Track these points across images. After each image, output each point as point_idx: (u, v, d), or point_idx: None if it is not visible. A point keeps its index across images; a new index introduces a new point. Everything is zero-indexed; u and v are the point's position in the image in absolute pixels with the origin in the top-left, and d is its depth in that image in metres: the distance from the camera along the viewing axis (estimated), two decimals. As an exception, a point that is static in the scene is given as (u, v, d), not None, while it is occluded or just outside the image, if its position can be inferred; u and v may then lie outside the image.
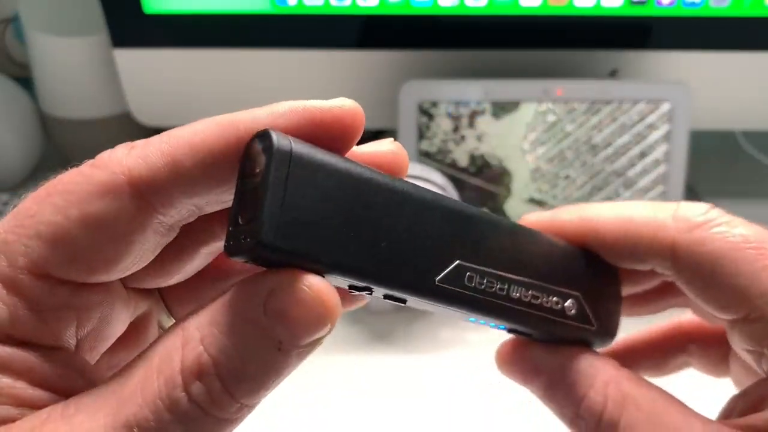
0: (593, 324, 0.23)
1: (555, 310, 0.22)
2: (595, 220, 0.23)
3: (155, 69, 0.56)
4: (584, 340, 0.23)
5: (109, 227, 0.16)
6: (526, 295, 0.21)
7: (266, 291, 0.16)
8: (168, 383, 0.15)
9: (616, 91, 0.53)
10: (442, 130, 0.54)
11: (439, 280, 0.19)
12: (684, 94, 0.53)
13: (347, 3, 0.52)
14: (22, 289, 0.16)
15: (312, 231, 0.16)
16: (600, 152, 0.54)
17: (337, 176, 0.17)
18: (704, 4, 0.51)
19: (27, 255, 0.16)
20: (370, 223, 0.17)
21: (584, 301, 0.23)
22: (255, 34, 0.53)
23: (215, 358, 0.15)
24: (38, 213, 0.16)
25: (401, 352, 0.51)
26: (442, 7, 0.52)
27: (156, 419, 0.15)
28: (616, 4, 0.51)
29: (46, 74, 0.61)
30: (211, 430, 0.16)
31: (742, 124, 0.62)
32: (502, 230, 0.21)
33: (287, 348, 0.16)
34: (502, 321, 0.21)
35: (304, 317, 0.16)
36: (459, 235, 0.19)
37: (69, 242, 0.16)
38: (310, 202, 0.16)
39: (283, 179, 0.16)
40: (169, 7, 0.52)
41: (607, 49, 0.54)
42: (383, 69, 0.55)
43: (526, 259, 0.21)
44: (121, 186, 0.16)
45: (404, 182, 0.19)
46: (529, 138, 0.54)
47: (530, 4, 0.52)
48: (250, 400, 0.16)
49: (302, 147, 0.17)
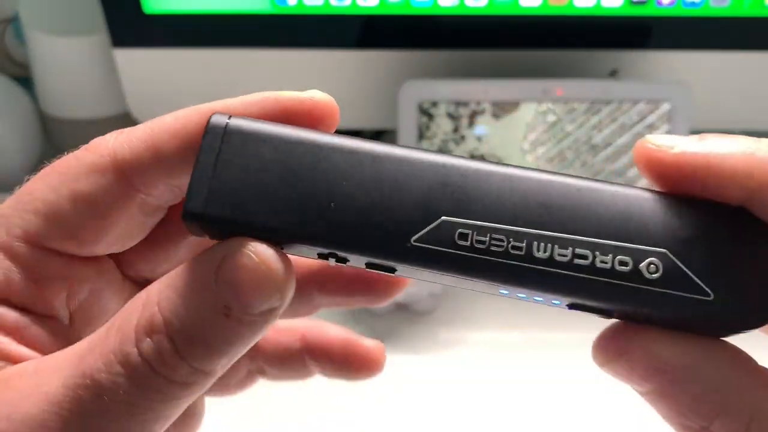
0: (707, 292, 0.16)
1: (621, 273, 0.16)
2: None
3: (155, 69, 0.56)
4: (699, 318, 0.17)
5: (95, 203, 0.18)
6: (563, 254, 0.16)
7: (219, 258, 0.16)
8: (122, 339, 0.16)
9: (616, 91, 0.53)
10: (442, 130, 0.54)
11: (416, 240, 0.17)
12: (684, 94, 0.53)
13: (347, 3, 0.52)
14: (18, 257, 0.18)
15: (243, 197, 0.17)
16: (600, 152, 0.54)
17: (276, 144, 0.17)
18: (704, 4, 0.51)
19: (22, 227, 0.18)
20: (316, 185, 0.17)
21: (678, 259, 0.17)
22: (255, 34, 0.53)
23: (166, 318, 0.16)
24: (34, 191, 0.18)
25: (401, 352, 0.51)
26: (442, 7, 0.52)
27: (107, 371, 0.16)
28: (616, 4, 0.51)
29: (46, 74, 0.61)
30: (162, 389, 0.16)
31: (742, 124, 0.62)
32: (512, 181, 0.17)
33: (236, 315, 0.16)
34: (530, 289, 0.17)
35: (248, 283, 0.16)
36: (443, 190, 0.17)
37: (60, 216, 0.18)
38: (246, 171, 0.17)
39: (215, 152, 0.17)
40: (169, 7, 0.52)
41: (607, 49, 0.54)
42: (383, 69, 0.55)
43: (562, 213, 0.17)
44: (106, 167, 0.18)
45: (361, 141, 0.17)
46: (529, 138, 0.54)
47: (530, 4, 0.52)
48: (201, 364, 0.16)
49: (242, 122, 0.17)
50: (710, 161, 0.16)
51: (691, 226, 0.17)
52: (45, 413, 0.16)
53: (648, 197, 0.17)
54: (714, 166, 0.16)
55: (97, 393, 0.16)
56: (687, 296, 0.16)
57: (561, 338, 0.52)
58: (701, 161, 0.16)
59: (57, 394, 0.16)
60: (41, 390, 0.16)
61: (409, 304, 0.54)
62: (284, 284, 0.16)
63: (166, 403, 0.16)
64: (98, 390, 0.16)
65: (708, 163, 0.16)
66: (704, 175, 0.16)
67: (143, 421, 0.16)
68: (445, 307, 0.55)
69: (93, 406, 0.16)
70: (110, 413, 0.16)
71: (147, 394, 0.16)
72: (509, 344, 0.52)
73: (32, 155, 0.64)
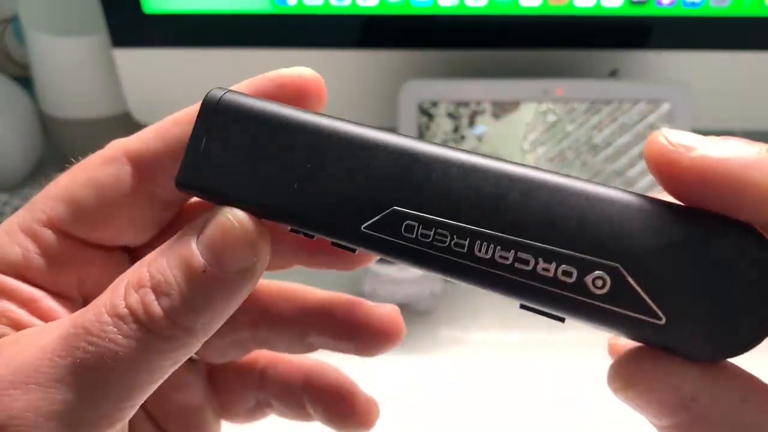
0: (658, 315, 0.15)
1: (563, 283, 0.15)
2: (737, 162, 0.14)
3: (155, 69, 0.56)
4: (649, 343, 0.15)
5: (109, 190, 0.20)
6: (504, 257, 0.16)
7: (202, 222, 0.18)
8: (113, 293, 0.18)
9: (616, 91, 0.53)
10: (442, 130, 0.54)
11: (366, 227, 0.17)
12: (684, 94, 0.53)
13: (347, 3, 0.52)
14: (37, 237, 0.20)
15: (227, 170, 0.18)
16: (600, 152, 0.54)
17: (259, 120, 0.18)
18: (704, 4, 0.51)
19: (46, 212, 0.20)
20: (286, 164, 0.18)
21: (631, 277, 0.15)
22: (255, 34, 0.53)
23: (152, 275, 0.17)
24: (59, 181, 0.20)
25: (401, 352, 0.51)
26: (442, 7, 0.52)
27: (98, 321, 0.17)
28: (616, 4, 0.51)
29: (46, 74, 0.61)
30: (145, 340, 0.17)
31: (742, 124, 0.61)
32: (469, 170, 0.16)
33: (212, 272, 0.17)
34: (472, 284, 0.16)
35: (224, 241, 0.17)
36: (401, 177, 0.17)
37: (76, 202, 0.20)
38: (231, 145, 0.18)
39: (207, 125, 0.18)
40: (169, 7, 0.52)
41: (607, 49, 0.54)
42: (383, 69, 0.55)
43: (513, 211, 0.16)
44: (118, 157, 0.20)
45: (338, 121, 0.18)
46: (529, 138, 0.54)
47: (530, 4, 0.52)
48: (179, 319, 0.17)
49: (233, 97, 0.18)
50: (738, 173, 0.14)
51: (663, 239, 0.15)
52: (40, 360, 0.17)
53: (618, 200, 0.15)
54: (742, 179, 0.14)
55: (87, 341, 0.17)
56: (634, 316, 0.15)
57: (561, 338, 0.52)
58: (726, 171, 0.14)
59: (52, 344, 0.17)
60: (40, 343, 0.17)
61: (410, 304, 0.54)
62: (257, 245, 0.18)
63: (150, 354, 0.17)
64: (88, 338, 0.17)
65: (734, 175, 0.14)
66: (728, 189, 0.14)
67: (129, 370, 0.17)
68: (445, 307, 0.55)
69: (83, 353, 0.17)
70: (98, 361, 0.17)
71: (131, 343, 0.17)
72: (509, 344, 0.52)
73: (32, 155, 0.64)
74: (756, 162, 0.14)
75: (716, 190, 0.14)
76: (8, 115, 0.61)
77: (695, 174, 0.14)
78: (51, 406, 0.17)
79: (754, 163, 0.14)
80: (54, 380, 0.17)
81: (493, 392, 0.48)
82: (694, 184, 0.15)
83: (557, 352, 0.51)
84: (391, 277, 0.51)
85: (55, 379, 0.17)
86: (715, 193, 0.14)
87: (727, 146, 0.15)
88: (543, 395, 0.47)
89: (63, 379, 0.17)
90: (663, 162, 0.15)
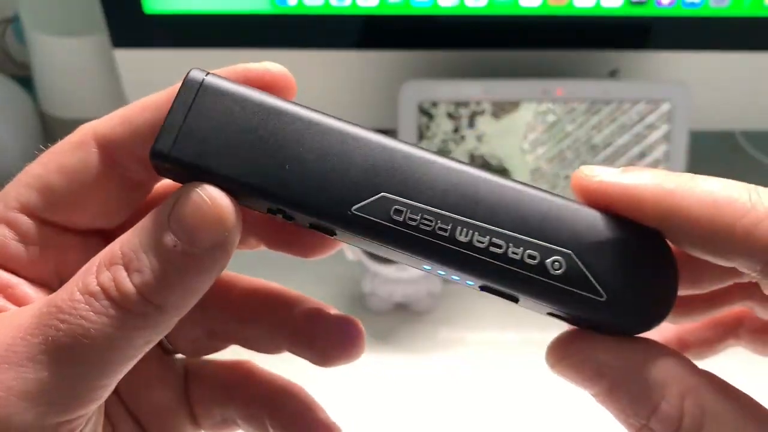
0: (599, 293, 0.19)
1: (528, 265, 0.19)
2: (679, 196, 0.18)
3: (155, 69, 0.56)
4: (593, 316, 0.19)
5: (78, 174, 0.20)
6: (481, 241, 0.18)
7: (175, 198, 0.18)
8: (85, 271, 0.18)
9: (616, 91, 0.53)
10: (442, 130, 0.54)
11: (356, 209, 0.18)
12: (684, 94, 0.53)
13: (347, 3, 0.52)
14: (11, 224, 0.20)
15: (208, 146, 0.18)
16: (600, 152, 0.54)
17: (245, 104, 0.19)
18: (704, 4, 0.51)
19: (18, 199, 0.20)
20: (275, 147, 0.18)
21: (580, 262, 0.19)
22: (255, 34, 0.53)
23: (124, 252, 0.18)
24: (30, 168, 0.20)
25: (401, 352, 0.51)
26: (442, 7, 0.52)
27: (70, 299, 0.17)
28: (616, 4, 0.51)
29: (46, 74, 0.61)
30: (116, 317, 0.17)
31: (742, 124, 0.62)
32: (452, 173, 0.19)
33: (184, 248, 0.17)
34: (447, 267, 0.19)
35: (195, 218, 0.17)
36: (387, 167, 0.19)
37: (49, 188, 0.20)
38: (214, 124, 0.18)
39: (188, 102, 0.19)
40: (169, 7, 0.52)
41: (607, 49, 0.54)
42: (383, 69, 0.55)
43: (488, 207, 0.19)
44: (88, 142, 0.20)
45: (324, 115, 0.19)
46: (529, 138, 0.54)
47: (530, 4, 0.52)
48: (150, 295, 0.17)
49: (218, 79, 0.19)
50: (623, 189, 0.19)
51: (601, 236, 0.19)
52: (14, 339, 0.17)
53: (569, 206, 0.19)
54: (626, 193, 0.19)
55: (59, 318, 0.17)
56: (583, 294, 0.19)
57: (561, 338, 0.52)
58: (616, 189, 0.19)
59: (26, 323, 0.17)
60: (15, 323, 0.18)
61: (409, 304, 0.54)
62: (228, 222, 0.18)
63: (122, 331, 0.17)
64: (60, 316, 0.17)
65: (622, 191, 0.19)
66: (619, 200, 0.19)
67: (101, 347, 0.17)
68: (444, 307, 0.55)
69: (54, 331, 0.17)
70: (70, 339, 0.17)
71: (103, 320, 0.17)
72: (508, 344, 0.52)
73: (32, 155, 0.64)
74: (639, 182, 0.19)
75: (613, 202, 0.19)
76: (8, 115, 0.61)
77: (598, 192, 0.19)
78: (23, 385, 0.17)
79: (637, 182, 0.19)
80: (26, 359, 0.17)
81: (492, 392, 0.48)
82: (600, 199, 0.19)
83: (557, 352, 0.51)
84: (390, 276, 0.51)
85: (27, 358, 0.17)
86: (614, 205, 0.19)
87: (622, 174, 0.19)
88: (542, 395, 0.47)
89: (35, 358, 0.17)
90: (578, 187, 0.20)
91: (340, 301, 0.55)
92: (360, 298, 0.54)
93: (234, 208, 0.18)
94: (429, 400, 0.48)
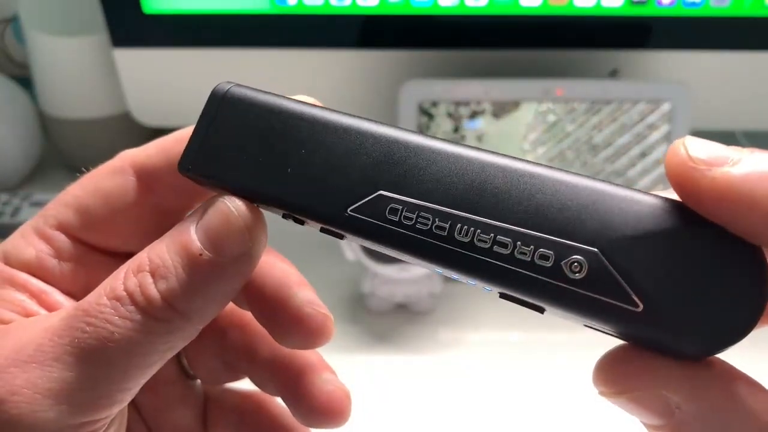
0: (636, 303, 0.14)
1: (540, 267, 0.15)
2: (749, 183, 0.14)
3: (155, 69, 0.56)
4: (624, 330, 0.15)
5: (114, 198, 0.21)
6: (483, 239, 0.16)
7: (202, 209, 0.18)
8: (114, 278, 0.18)
9: (616, 91, 0.53)
10: (442, 130, 0.54)
11: (351, 210, 0.18)
12: (684, 94, 0.53)
13: (347, 3, 0.52)
14: (49, 240, 0.21)
15: (226, 159, 0.19)
16: (600, 152, 0.54)
17: (259, 111, 0.19)
18: (704, 4, 0.51)
19: (57, 217, 0.21)
20: (287, 151, 0.18)
21: (610, 262, 0.15)
22: (255, 34, 0.53)
23: (151, 259, 0.18)
24: (70, 189, 0.21)
25: (401, 352, 0.51)
26: (442, 7, 0.52)
27: (96, 303, 0.18)
28: (616, 4, 0.51)
29: (46, 74, 0.61)
30: (141, 321, 0.18)
31: (742, 124, 0.61)
32: (453, 159, 0.17)
33: (210, 257, 0.18)
34: (449, 269, 0.17)
35: (222, 227, 0.18)
36: (387, 163, 0.17)
37: (85, 209, 0.21)
38: (232, 135, 0.19)
39: (212, 116, 0.19)
40: (169, 7, 0.52)
41: (607, 49, 0.54)
42: (383, 69, 0.55)
43: (494, 196, 0.16)
44: (125, 169, 0.21)
45: (325, 110, 0.19)
46: (529, 138, 0.54)
47: (530, 4, 0.52)
48: (175, 301, 0.18)
49: (239, 89, 0.19)
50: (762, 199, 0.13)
51: (646, 230, 0.15)
52: (41, 338, 0.18)
53: (599, 189, 0.15)
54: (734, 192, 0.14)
55: (86, 321, 0.18)
56: (611, 303, 0.15)
57: (561, 339, 0.52)
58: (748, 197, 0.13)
59: (55, 325, 0.18)
60: (44, 325, 0.18)
61: (409, 304, 0.54)
62: (254, 233, 0.18)
63: (145, 336, 0.18)
64: (86, 319, 0.18)
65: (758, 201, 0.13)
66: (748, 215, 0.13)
67: (125, 351, 0.18)
68: (444, 307, 0.55)
69: (80, 333, 0.18)
70: (95, 341, 0.17)
71: (127, 324, 0.18)
72: (509, 344, 0.52)
73: (32, 155, 0.64)
74: None
75: (734, 213, 0.14)
76: (8, 115, 0.61)
77: (719, 197, 0.14)
78: (48, 383, 0.17)
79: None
80: (53, 359, 0.17)
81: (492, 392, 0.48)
82: (718, 207, 0.14)
83: (557, 352, 0.51)
84: (390, 277, 0.51)
85: (54, 359, 0.17)
86: (732, 217, 0.14)
87: (755, 160, 0.14)
88: (542, 395, 0.47)
89: (61, 359, 0.17)
90: (682, 180, 0.15)
91: (340, 302, 0.55)
92: (360, 299, 0.54)
93: (260, 220, 0.19)
94: (429, 401, 0.48)
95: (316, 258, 0.55)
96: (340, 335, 0.52)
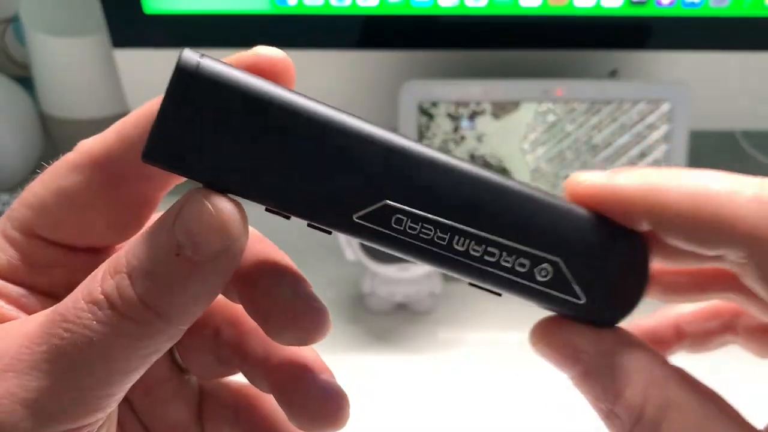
0: (579, 297, 0.20)
1: (518, 272, 0.19)
2: (663, 191, 0.19)
3: (155, 69, 0.56)
4: (571, 315, 0.20)
5: (76, 196, 0.19)
6: (476, 250, 0.19)
7: (179, 206, 0.17)
8: (90, 280, 0.18)
9: (616, 91, 0.53)
10: (442, 130, 0.54)
11: (357, 217, 0.18)
12: (684, 94, 0.53)
13: (347, 3, 0.52)
14: (19, 246, 0.20)
15: (200, 147, 0.17)
16: (600, 152, 0.54)
17: (243, 94, 0.17)
18: (704, 4, 0.51)
19: (19, 218, 0.20)
20: (278, 146, 0.17)
21: (567, 269, 0.20)
22: (255, 34, 0.53)
23: (128, 260, 0.17)
24: (32, 187, 0.20)
25: (401, 352, 0.51)
26: (442, 7, 0.52)
27: (74, 307, 0.17)
28: (616, 4, 0.51)
29: (46, 74, 0.61)
30: (119, 325, 0.17)
31: (742, 124, 0.62)
32: (457, 175, 0.19)
33: (187, 255, 0.17)
34: (444, 270, 0.19)
35: (199, 225, 0.17)
36: (392, 173, 0.18)
37: (49, 209, 0.20)
38: (210, 119, 0.17)
39: (181, 95, 0.17)
40: (169, 7, 0.52)
41: (607, 49, 0.54)
42: (383, 69, 0.55)
43: (488, 212, 0.19)
44: (84, 163, 0.19)
45: (330, 108, 0.18)
46: (529, 138, 0.54)
47: (530, 4, 0.52)
48: (153, 302, 0.17)
49: (213, 64, 0.17)
50: (611, 190, 0.20)
51: (587, 241, 0.20)
52: (20, 347, 0.17)
53: (562, 208, 0.20)
54: (613, 194, 0.20)
55: (63, 327, 0.17)
56: (565, 298, 0.20)
57: (561, 338, 0.52)
58: (604, 190, 0.20)
59: (32, 332, 0.17)
60: (22, 331, 0.18)
61: (409, 304, 0.54)
62: (233, 231, 0.17)
63: (125, 340, 0.17)
64: (63, 324, 0.17)
65: (609, 192, 0.20)
66: (608, 202, 0.20)
67: (104, 356, 0.17)
68: (444, 307, 0.55)
69: (58, 339, 0.17)
70: (73, 347, 0.17)
71: (106, 329, 0.17)
72: (509, 344, 0.52)
73: (32, 155, 0.64)
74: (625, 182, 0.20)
75: (600, 204, 0.20)
76: (8, 115, 0.61)
77: (587, 195, 0.20)
78: (26, 393, 0.17)
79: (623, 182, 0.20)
80: (30, 367, 0.17)
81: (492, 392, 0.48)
82: (591, 202, 0.20)
83: (557, 352, 0.51)
84: (391, 277, 0.51)
85: (31, 366, 0.17)
86: (603, 207, 0.20)
87: (611, 175, 0.20)
88: (542, 395, 0.47)
89: (39, 366, 0.17)
90: (569, 192, 0.21)
91: (340, 302, 0.55)
92: (360, 298, 0.54)
93: (239, 217, 0.17)
94: (429, 401, 0.48)
95: (316, 258, 0.55)
96: (339, 335, 0.53)
